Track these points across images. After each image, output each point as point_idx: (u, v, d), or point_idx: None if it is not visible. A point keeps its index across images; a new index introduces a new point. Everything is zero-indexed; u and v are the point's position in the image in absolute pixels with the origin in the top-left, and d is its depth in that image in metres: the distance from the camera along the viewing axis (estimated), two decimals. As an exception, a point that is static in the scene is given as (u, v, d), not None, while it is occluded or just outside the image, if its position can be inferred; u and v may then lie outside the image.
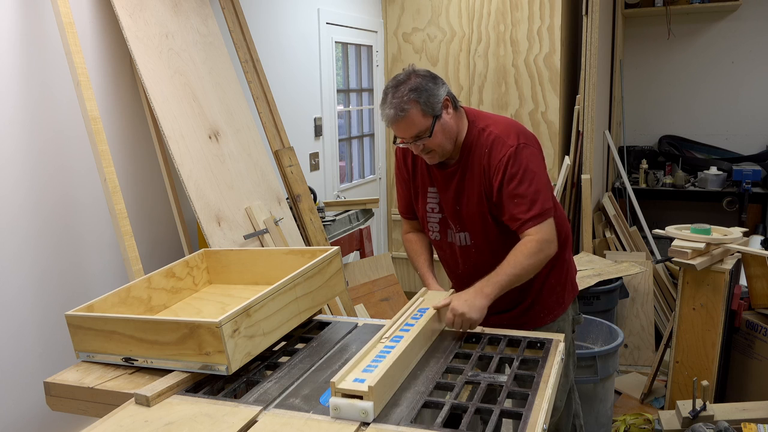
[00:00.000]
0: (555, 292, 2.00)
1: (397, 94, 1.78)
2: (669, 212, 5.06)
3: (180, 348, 1.46)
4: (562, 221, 1.99)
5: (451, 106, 1.84)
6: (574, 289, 2.08)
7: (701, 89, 5.30)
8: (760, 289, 2.79)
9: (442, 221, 1.97)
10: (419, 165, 1.98)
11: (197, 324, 1.43)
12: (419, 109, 1.77)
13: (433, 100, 1.78)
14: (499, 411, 1.30)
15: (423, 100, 1.77)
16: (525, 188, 1.78)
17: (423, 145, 1.81)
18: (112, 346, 1.56)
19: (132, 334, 1.52)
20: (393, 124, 1.81)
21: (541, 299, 1.98)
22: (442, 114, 1.80)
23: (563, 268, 2.02)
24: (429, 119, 1.78)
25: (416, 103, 1.76)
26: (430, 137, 1.79)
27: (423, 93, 1.77)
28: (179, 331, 1.45)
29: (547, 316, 1.98)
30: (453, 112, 1.84)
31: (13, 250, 1.99)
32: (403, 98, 1.76)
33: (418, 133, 1.79)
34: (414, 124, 1.78)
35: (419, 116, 1.77)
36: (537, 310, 1.98)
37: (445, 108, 1.82)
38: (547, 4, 4.15)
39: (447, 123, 1.82)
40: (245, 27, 2.81)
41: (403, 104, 1.76)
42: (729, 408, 2.41)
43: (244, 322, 1.47)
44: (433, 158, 1.87)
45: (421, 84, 1.78)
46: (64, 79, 2.12)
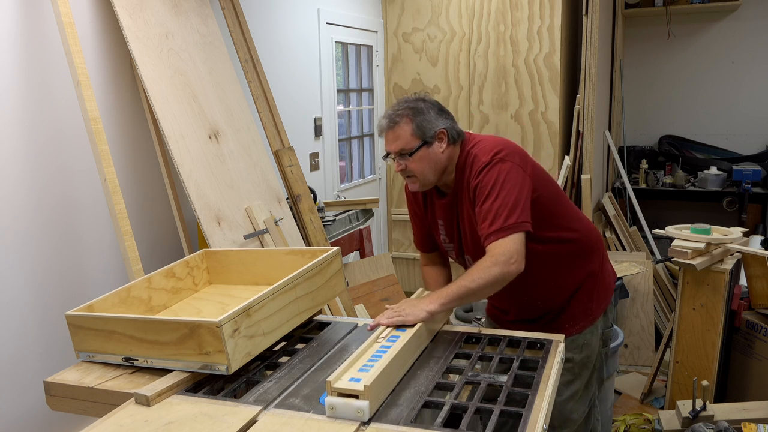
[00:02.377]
0: (582, 304, 1.94)
1: (396, 107, 1.83)
2: (669, 212, 5.06)
3: (180, 348, 1.46)
4: (588, 231, 1.96)
5: (447, 140, 1.82)
6: (605, 299, 2.00)
7: (701, 89, 5.30)
8: (760, 289, 2.79)
9: (457, 250, 1.96)
10: (427, 199, 1.99)
11: (197, 324, 1.43)
12: (410, 127, 1.79)
13: (427, 125, 1.79)
14: (499, 411, 1.30)
15: (417, 121, 1.79)
16: (489, 204, 1.72)
17: (405, 166, 1.82)
18: (112, 346, 1.56)
19: (132, 334, 1.52)
20: (383, 132, 1.85)
21: (569, 310, 1.94)
22: (432, 143, 1.80)
23: (588, 278, 1.96)
24: (417, 141, 1.79)
25: (409, 120, 1.79)
26: (411, 157, 1.80)
27: (419, 115, 1.80)
28: (179, 331, 1.45)
29: (573, 327, 1.93)
30: (446, 146, 1.83)
31: (13, 250, 1.99)
32: (398, 111, 1.81)
33: (402, 148, 1.80)
34: (400, 137, 1.80)
35: (408, 133, 1.79)
36: (563, 320, 1.93)
37: (438, 139, 1.81)
38: (547, 4, 4.15)
39: (434, 153, 1.81)
40: (245, 27, 2.81)
41: (396, 116, 1.80)
42: (729, 408, 2.41)
43: (244, 322, 1.47)
44: (414, 184, 1.87)
45: (421, 107, 1.81)
46: (64, 79, 2.12)
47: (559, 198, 1.92)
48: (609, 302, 2.02)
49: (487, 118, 4.42)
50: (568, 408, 1.93)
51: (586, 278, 1.95)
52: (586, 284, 1.95)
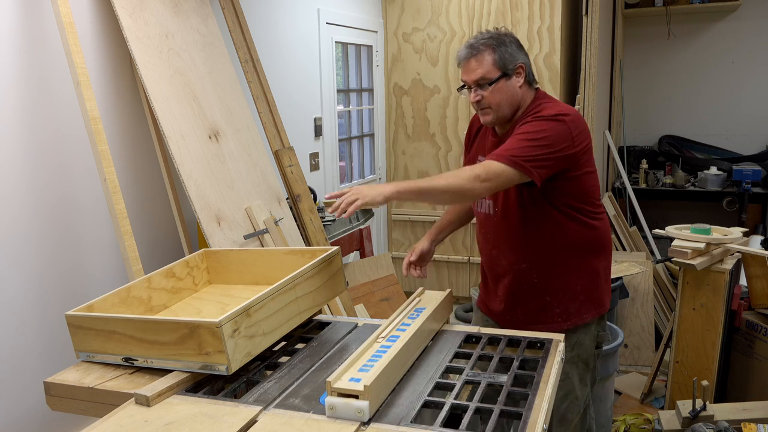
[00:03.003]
0: (577, 300, 1.91)
1: (479, 37, 1.82)
2: (669, 212, 5.07)
3: (180, 348, 1.46)
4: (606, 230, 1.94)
5: (524, 75, 1.83)
6: (599, 306, 1.95)
7: (701, 89, 5.30)
8: (760, 289, 2.79)
9: None
10: (479, 134, 1.99)
11: (197, 324, 1.43)
12: (491, 57, 1.78)
13: (508, 57, 1.79)
14: (499, 411, 1.30)
15: (500, 51, 1.79)
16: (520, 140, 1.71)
17: (481, 97, 1.80)
18: (112, 346, 1.56)
19: (132, 334, 1.52)
20: (462, 62, 1.82)
21: (560, 302, 1.90)
22: (512, 76, 1.81)
23: (590, 276, 1.93)
24: (497, 72, 1.79)
25: (492, 50, 1.79)
26: (490, 88, 1.78)
27: (501, 46, 1.79)
28: (179, 331, 1.45)
29: (564, 322, 1.90)
30: (524, 83, 1.84)
31: (13, 250, 1.99)
32: (481, 41, 1.80)
33: (481, 78, 1.79)
34: (480, 66, 1.79)
35: (489, 62, 1.78)
36: (554, 312, 1.90)
37: (517, 73, 1.82)
38: (547, 4, 4.15)
39: (513, 87, 1.81)
40: (245, 27, 2.81)
41: (480, 45, 1.80)
42: (729, 408, 2.41)
43: (244, 322, 1.47)
44: (487, 116, 1.84)
45: (504, 39, 1.81)
46: (64, 79, 2.12)
47: (596, 190, 1.92)
48: (604, 310, 1.97)
49: (487, 118, 4.41)
50: (563, 408, 1.92)
51: (590, 275, 1.93)
52: (588, 281, 1.93)
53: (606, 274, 1.99)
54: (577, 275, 1.91)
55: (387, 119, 4.72)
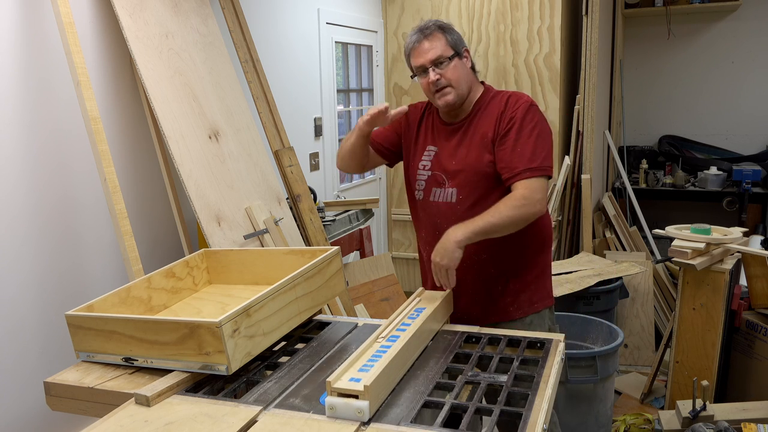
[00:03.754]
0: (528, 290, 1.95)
1: (426, 23, 1.88)
2: (669, 212, 5.07)
3: (180, 348, 1.46)
4: (545, 224, 1.97)
5: (469, 60, 1.91)
6: (549, 297, 2.01)
7: (701, 89, 5.30)
8: (760, 289, 2.79)
9: (430, 179, 1.94)
10: (426, 123, 2.00)
11: (197, 324, 1.43)
12: (443, 37, 1.85)
13: (458, 40, 1.87)
14: (499, 411, 1.30)
15: (449, 35, 1.86)
16: (532, 141, 1.78)
17: (440, 75, 1.83)
18: (112, 346, 1.56)
19: (132, 334, 1.52)
20: (415, 46, 1.86)
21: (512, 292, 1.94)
22: (462, 57, 1.87)
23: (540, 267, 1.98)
24: (451, 50, 1.84)
25: (442, 32, 1.86)
26: (449, 65, 1.83)
27: (449, 30, 1.87)
28: (179, 331, 1.45)
29: (516, 311, 1.94)
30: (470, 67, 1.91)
31: (13, 250, 1.99)
32: (429, 25, 1.87)
33: (439, 56, 1.83)
34: (436, 45, 1.83)
35: (442, 42, 1.84)
36: (506, 302, 1.94)
37: (465, 56, 1.89)
38: (547, 4, 4.15)
39: (465, 67, 1.88)
40: (245, 27, 2.81)
41: (428, 29, 1.85)
42: (729, 408, 2.41)
43: (244, 322, 1.47)
44: (449, 96, 1.85)
45: (449, 26, 1.89)
46: (64, 79, 2.12)
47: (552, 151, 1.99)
48: (551, 302, 2.01)
49: (487, 118, 4.41)
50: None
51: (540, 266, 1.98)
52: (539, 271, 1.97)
53: (549, 268, 2.04)
54: (530, 266, 1.95)
55: (387, 119, 4.71)
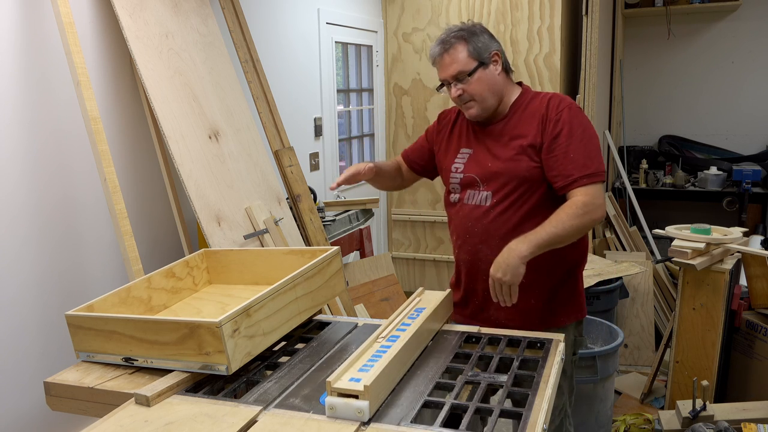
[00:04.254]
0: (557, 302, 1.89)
1: (448, 32, 1.81)
2: (669, 212, 5.07)
3: (180, 348, 1.46)
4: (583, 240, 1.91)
5: (501, 63, 1.83)
6: (578, 311, 1.94)
7: (701, 89, 5.30)
8: (760, 289, 2.79)
9: (465, 181, 1.89)
10: (461, 124, 1.96)
11: (197, 324, 1.43)
12: (465, 49, 1.78)
13: (482, 47, 1.79)
14: (499, 411, 1.30)
15: (472, 42, 1.78)
16: (584, 145, 1.73)
17: (462, 90, 1.79)
18: (112, 346, 1.56)
19: (132, 334, 1.52)
20: (437, 59, 1.81)
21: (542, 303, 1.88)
22: (489, 64, 1.80)
23: (572, 280, 1.92)
24: (473, 62, 1.78)
25: (464, 42, 1.78)
26: (469, 79, 1.77)
27: (473, 37, 1.79)
28: (179, 331, 1.45)
29: (541, 324, 1.86)
30: (502, 70, 1.83)
31: (13, 250, 1.99)
32: (451, 35, 1.79)
33: (459, 71, 1.78)
34: (456, 60, 1.78)
35: (463, 54, 1.78)
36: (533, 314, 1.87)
37: (493, 61, 1.81)
38: (547, 4, 4.15)
39: (492, 75, 1.80)
40: (245, 27, 2.81)
41: (451, 40, 1.79)
42: (729, 408, 2.41)
43: (244, 322, 1.47)
44: (472, 109, 1.82)
45: (474, 30, 1.81)
46: (64, 79, 2.12)
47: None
48: (582, 315, 1.95)
49: (487, 118, 4.41)
50: None
51: (572, 278, 1.91)
52: (571, 284, 1.91)
53: (582, 281, 1.97)
54: (558, 278, 1.89)
55: (387, 119, 4.72)
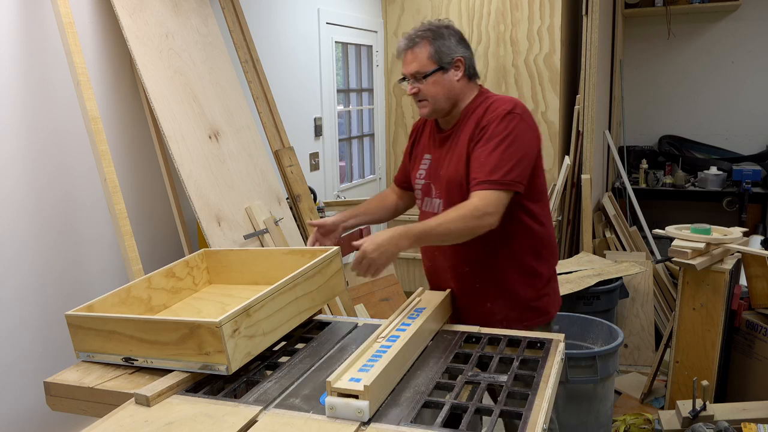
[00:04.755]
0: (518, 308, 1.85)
1: (418, 28, 1.82)
2: (669, 212, 5.06)
3: (180, 348, 1.46)
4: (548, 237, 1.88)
5: (463, 69, 1.82)
6: (545, 314, 1.89)
7: (701, 89, 5.30)
8: (760, 289, 2.79)
9: (425, 187, 1.93)
10: (426, 132, 1.98)
11: (197, 324, 1.43)
12: (428, 50, 1.78)
13: (446, 50, 1.79)
14: (499, 411, 1.30)
15: (436, 45, 1.79)
16: (496, 152, 1.69)
17: (418, 89, 1.81)
18: (112, 346, 1.56)
19: (132, 334, 1.52)
20: (401, 53, 1.83)
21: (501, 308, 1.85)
22: (449, 69, 1.80)
23: (534, 283, 1.87)
24: (433, 65, 1.79)
25: (428, 43, 1.79)
26: (425, 81, 1.79)
27: (439, 39, 1.79)
28: (179, 331, 1.45)
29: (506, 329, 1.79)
30: (463, 77, 1.82)
31: (13, 250, 1.99)
32: (419, 33, 1.81)
33: (416, 71, 1.80)
34: (416, 59, 1.79)
35: (425, 55, 1.79)
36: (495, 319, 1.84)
37: (455, 67, 1.81)
38: (547, 4, 4.15)
39: (449, 81, 1.81)
40: (245, 27, 2.81)
41: (416, 38, 1.80)
42: (729, 408, 2.41)
43: (244, 322, 1.47)
44: (424, 108, 1.84)
45: (442, 32, 1.81)
46: (64, 79, 2.12)
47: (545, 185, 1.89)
48: (551, 317, 1.91)
49: (487, 118, 4.41)
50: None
51: (534, 281, 1.87)
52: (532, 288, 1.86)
53: (552, 281, 1.92)
54: (520, 281, 1.85)
55: (387, 119, 4.72)
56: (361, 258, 1.64)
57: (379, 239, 1.64)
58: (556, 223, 4.09)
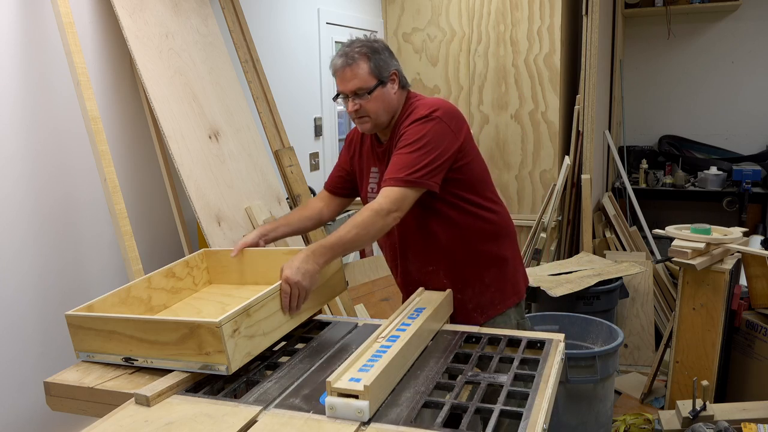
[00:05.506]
0: (488, 292, 1.91)
1: (352, 45, 1.82)
2: (669, 212, 5.06)
3: (180, 348, 1.46)
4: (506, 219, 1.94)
5: (398, 81, 1.85)
6: (516, 294, 1.97)
7: (701, 89, 5.30)
8: (760, 289, 2.79)
9: None
10: (366, 145, 1.99)
11: (197, 324, 1.43)
12: (367, 66, 1.79)
13: (383, 65, 1.81)
14: (499, 411, 1.30)
15: (374, 60, 1.80)
16: (405, 155, 1.73)
17: (359, 106, 1.81)
18: (112, 346, 1.56)
19: (132, 334, 1.52)
20: (338, 71, 1.82)
21: (471, 297, 1.91)
22: (387, 83, 1.82)
23: (498, 266, 1.93)
24: (373, 80, 1.80)
25: (366, 58, 1.79)
26: (369, 97, 1.79)
27: (375, 54, 1.81)
28: (179, 331, 1.45)
29: (481, 316, 1.90)
30: (398, 88, 1.86)
31: (12, 250, 1.99)
32: (355, 49, 1.80)
33: (359, 88, 1.80)
34: (357, 76, 1.79)
35: (365, 71, 1.79)
36: (468, 308, 1.91)
37: (391, 80, 1.84)
38: (547, 4, 4.15)
39: (389, 94, 1.83)
40: (245, 27, 2.81)
41: (354, 54, 1.79)
42: (729, 408, 2.41)
43: (244, 322, 1.47)
44: (365, 125, 1.86)
45: (377, 47, 1.82)
46: (64, 79, 2.12)
47: (486, 175, 1.93)
48: (521, 297, 1.98)
49: (487, 118, 4.42)
50: None
51: (497, 264, 1.92)
52: (497, 270, 1.92)
53: (515, 260, 1.98)
54: (484, 267, 1.91)
55: (387, 119, 4.71)
56: (288, 289, 1.61)
57: (295, 263, 1.62)
58: (556, 223, 4.10)
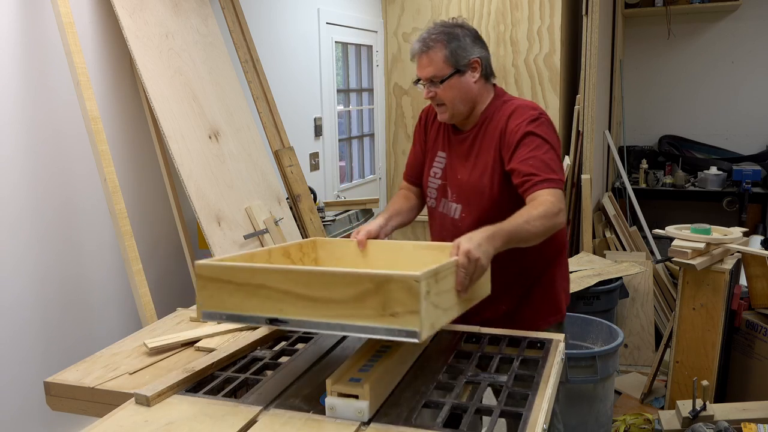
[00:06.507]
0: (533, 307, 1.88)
1: (432, 31, 1.77)
2: (669, 212, 5.06)
3: (355, 308, 1.23)
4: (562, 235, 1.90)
5: (480, 71, 1.78)
6: (557, 313, 1.93)
7: (701, 89, 5.30)
8: (760, 289, 2.79)
9: (441, 188, 1.89)
10: (438, 127, 1.93)
11: (387, 277, 1.19)
12: (443, 53, 1.73)
13: (461, 53, 1.74)
14: (499, 411, 1.30)
15: (451, 47, 1.74)
16: (543, 153, 1.67)
17: (435, 93, 1.76)
18: (255, 304, 1.33)
19: (289, 289, 1.29)
20: (415, 56, 1.78)
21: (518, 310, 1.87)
22: (465, 72, 1.76)
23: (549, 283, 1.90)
24: (449, 68, 1.74)
25: (443, 45, 1.74)
26: (442, 85, 1.74)
27: (454, 41, 1.74)
28: (361, 285, 1.22)
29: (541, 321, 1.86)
30: (480, 78, 1.79)
31: (13, 250, 1.99)
32: (432, 35, 1.75)
33: (433, 75, 1.75)
34: (432, 63, 1.74)
35: (440, 59, 1.74)
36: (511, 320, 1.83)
37: (472, 68, 1.77)
38: (547, 4, 4.15)
39: (467, 83, 1.77)
40: (245, 27, 2.81)
41: (431, 41, 1.74)
42: (729, 408, 2.41)
43: (434, 287, 1.27)
44: (443, 114, 1.81)
45: (457, 33, 1.76)
46: (64, 79, 2.12)
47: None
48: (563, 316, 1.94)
49: (487, 118, 4.41)
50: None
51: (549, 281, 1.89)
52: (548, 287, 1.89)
53: (563, 280, 1.94)
54: (537, 283, 1.87)
55: (387, 119, 4.72)
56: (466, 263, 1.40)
57: (477, 237, 1.44)
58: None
